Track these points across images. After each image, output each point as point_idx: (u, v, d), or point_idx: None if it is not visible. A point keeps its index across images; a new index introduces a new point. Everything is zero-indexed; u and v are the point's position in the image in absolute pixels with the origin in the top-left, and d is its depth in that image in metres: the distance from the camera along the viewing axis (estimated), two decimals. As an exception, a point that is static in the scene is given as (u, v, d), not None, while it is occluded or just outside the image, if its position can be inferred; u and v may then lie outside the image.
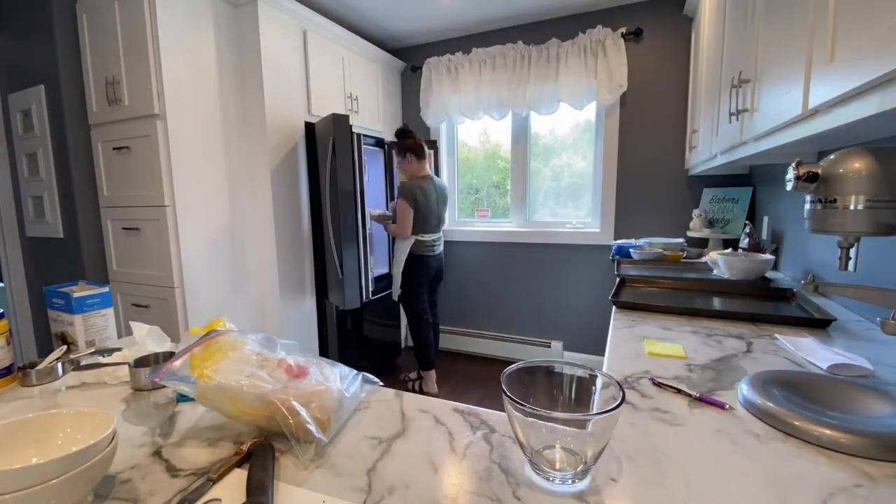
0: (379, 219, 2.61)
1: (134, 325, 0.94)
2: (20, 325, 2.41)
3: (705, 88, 1.87)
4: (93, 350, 1.01)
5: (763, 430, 0.62)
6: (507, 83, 2.89)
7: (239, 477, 0.54)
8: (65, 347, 0.95)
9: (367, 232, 2.51)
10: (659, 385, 0.76)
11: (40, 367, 0.86)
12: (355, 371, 0.75)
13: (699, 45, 2.15)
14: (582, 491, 0.50)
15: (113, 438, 0.51)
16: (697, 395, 0.71)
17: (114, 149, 2.04)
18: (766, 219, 2.05)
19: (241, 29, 2.20)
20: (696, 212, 2.42)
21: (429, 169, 2.57)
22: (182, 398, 0.78)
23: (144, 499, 0.51)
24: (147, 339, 0.92)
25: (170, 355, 0.87)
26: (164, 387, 0.82)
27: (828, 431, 0.57)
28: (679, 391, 0.73)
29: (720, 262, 1.57)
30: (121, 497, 0.52)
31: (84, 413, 0.56)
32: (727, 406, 0.68)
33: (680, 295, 1.41)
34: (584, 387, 0.60)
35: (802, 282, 0.80)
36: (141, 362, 0.85)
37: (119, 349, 0.99)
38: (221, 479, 0.54)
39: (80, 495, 0.47)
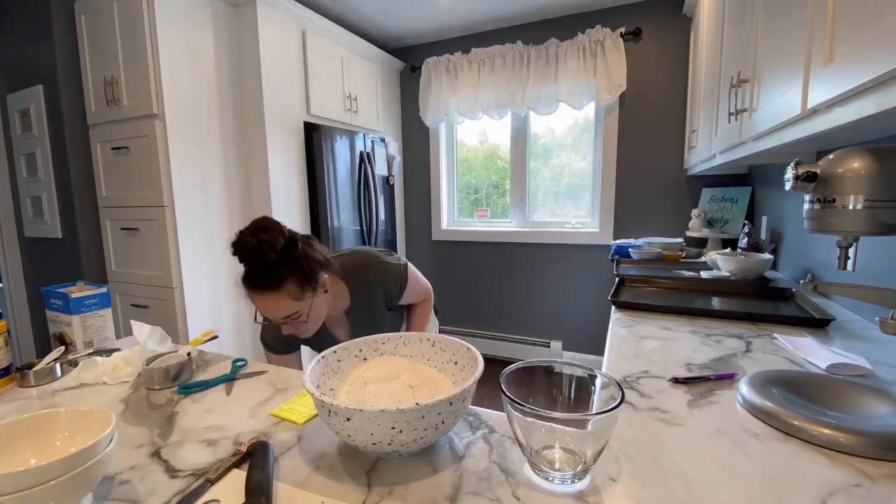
0: None
1: (135, 324, 0.93)
2: (18, 325, 2.40)
3: (704, 88, 1.87)
4: (91, 351, 1.00)
5: (762, 429, 0.62)
6: (506, 83, 2.89)
7: (238, 477, 0.54)
8: (63, 348, 0.94)
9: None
10: (678, 381, 0.76)
11: (38, 367, 0.85)
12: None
13: (698, 45, 2.15)
14: (581, 491, 0.50)
15: (112, 439, 0.51)
16: (713, 375, 0.77)
17: (112, 149, 2.04)
18: (764, 218, 2.05)
19: (240, 29, 2.19)
20: (695, 211, 2.42)
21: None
22: (184, 390, 0.78)
23: (143, 499, 0.51)
24: (148, 339, 0.92)
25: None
26: (171, 387, 0.82)
27: (827, 431, 0.57)
28: (696, 380, 0.76)
29: (719, 262, 1.57)
30: (120, 498, 0.52)
31: (82, 411, 0.55)
32: (735, 376, 0.77)
33: (679, 295, 1.41)
34: (584, 387, 0.60)
35: (802, 281, 0.81)
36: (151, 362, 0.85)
37: (118, 349, 0.98)
38: (220, 479, 0.54)
39: (79, 496, 0.47)
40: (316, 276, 0.96)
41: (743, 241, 1.94)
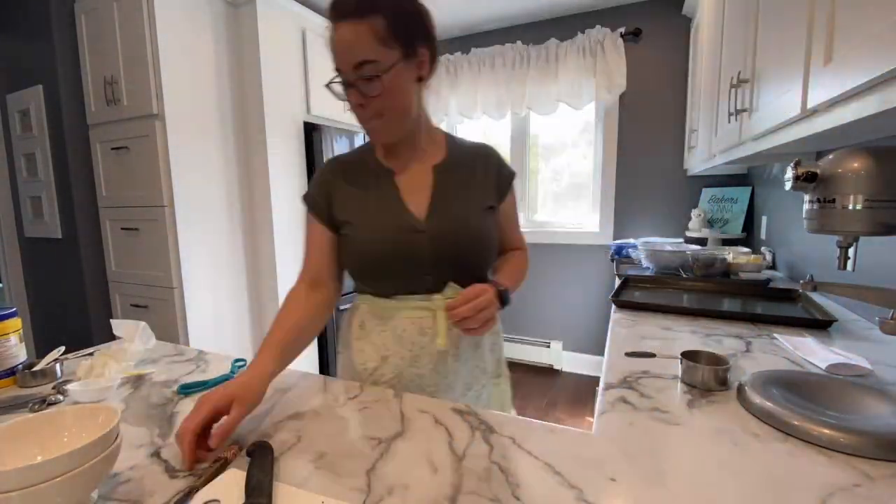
0: None
1: (115, 322, 0.91)
2: (18, 325, 2.40)
3: (704, 88, 1.87)
4: (90, 351, 1.00)
5: (762, 429, 0.62)
6: (505, 83, 2.89)
7: (238, 477, 0.54)
8: (62, 348, 0.94)
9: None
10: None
11: (38, 367, 0.85)
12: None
13: (698, 45, 2.15)
14: (581, 491, 0.50)
15: (118, 434, 0.51)
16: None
17: (112, 149, 2.04)
18: (764, 218, 2.05)
19: (240, 28, 2.19)
20: (694, 211, 2.42)
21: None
22: (184, 390, 0.78)
23: (144, 499, 0.51)
24: (136, 337, 0.91)
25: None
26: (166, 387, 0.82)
27: (827, 431, 0.57)
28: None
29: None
30: (120, 498, 0.52)
31: (88, 408, 0.55)
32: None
33: (679, 295, 1.41)
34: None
35: (802, 281, 0.80)
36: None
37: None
38: (220, 479, 0.54)
39: (85, 492, 0.47)
40: (413, 34, 0.76)
41: (743, 242, 1.94)
